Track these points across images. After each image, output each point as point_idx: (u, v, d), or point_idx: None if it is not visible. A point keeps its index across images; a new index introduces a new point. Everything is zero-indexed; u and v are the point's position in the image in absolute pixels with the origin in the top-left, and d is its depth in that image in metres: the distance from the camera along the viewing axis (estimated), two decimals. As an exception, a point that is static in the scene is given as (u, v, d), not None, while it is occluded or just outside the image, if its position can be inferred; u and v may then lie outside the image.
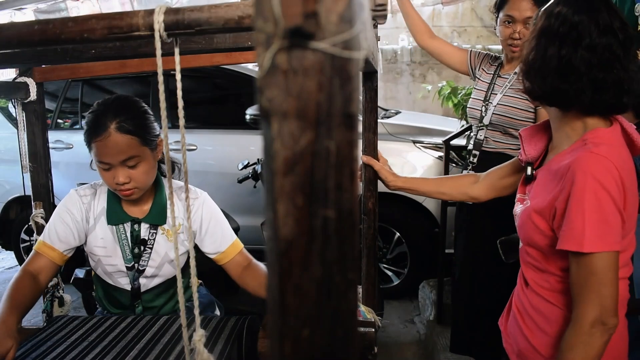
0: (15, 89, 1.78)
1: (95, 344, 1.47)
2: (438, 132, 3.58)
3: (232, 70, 3.78)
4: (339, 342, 0.36)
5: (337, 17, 0.31)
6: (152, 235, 1.63)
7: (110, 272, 1.64)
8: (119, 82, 4.20)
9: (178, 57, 0.76)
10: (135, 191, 1.53)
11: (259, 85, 0.32)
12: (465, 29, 6.91)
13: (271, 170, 0.32)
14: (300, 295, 0.34)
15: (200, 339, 0.86)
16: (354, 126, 0.33)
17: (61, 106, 4.24)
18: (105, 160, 1.47)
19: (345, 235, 0.34)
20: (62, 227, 1.58)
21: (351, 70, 0.32)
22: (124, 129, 1.45)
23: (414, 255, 3.53)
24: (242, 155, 3.55)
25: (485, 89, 2.26)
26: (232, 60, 1.60)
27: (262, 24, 0.31)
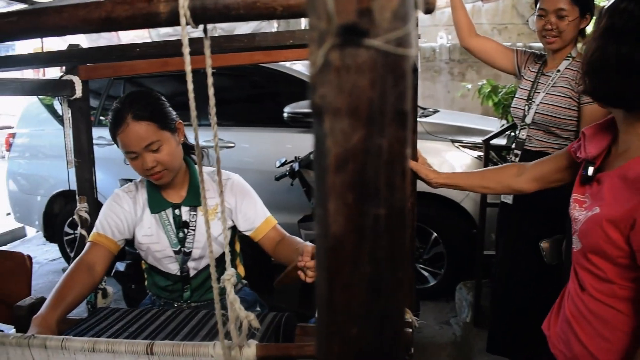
0: (62, 86, 1.83)
1: (135, 335, 1.50)
2: (477, 132, 3.53)
3: (270, 68, 3.80)
4: (387, 341, 0.35)
5: (391, 14, 0.31)
6: (192, 217, 1.71)
7: (160, 259, 1.72)
8: (160, 79, 4.28)
9: (208, 43, 0.74)
10: (165, 173, 1.61)
11: (312, 82, 0.32)
12: (506, 26, 6.78)
13: (322, 167, 0.32)
14: (349, 293, 0.34)
15: (229, 278, 0.86)
16: (406, 124, 0.32)
17: (104, 104, 4.34)
18: (130, 149, 1.57)
19: (395, 234, 0.33)
20: (114, 218, 1.67)
21: (404, 67, 0.32)
22: (140, 116, 1.54)
23: (451, 255, 3.49)
24: (279, 153, 3.57)
25: (529, 87, 2.22)
26: (272, 59, 1.60)
27: (316, 21, 0.31)
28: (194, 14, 0.59)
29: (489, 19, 6.77)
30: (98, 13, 0.64)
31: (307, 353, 1.04)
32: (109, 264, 1.66)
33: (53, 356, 1.10)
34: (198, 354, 1.04)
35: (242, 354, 0.96)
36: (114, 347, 1.04)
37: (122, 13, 0.63)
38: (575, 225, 1.24)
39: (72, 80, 1.85)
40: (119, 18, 0.64)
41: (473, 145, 3.42)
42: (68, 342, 1.08)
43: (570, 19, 2.03)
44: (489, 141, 2.91)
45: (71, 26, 0.65)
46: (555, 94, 2.09)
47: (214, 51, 0.76)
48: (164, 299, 1.81)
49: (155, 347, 1.06)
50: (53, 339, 1.11)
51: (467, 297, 3.20)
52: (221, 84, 0.98)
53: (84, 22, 0.64)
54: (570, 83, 2.06)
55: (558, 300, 1.38)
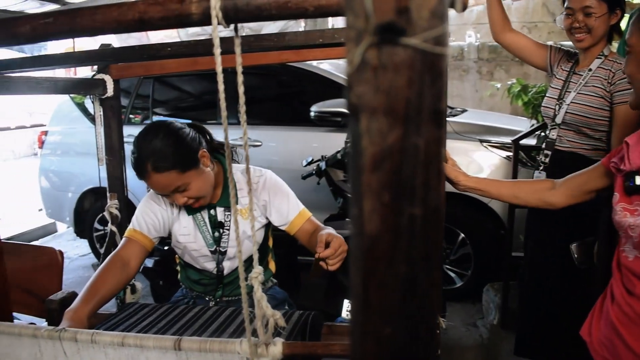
0: (94, 85, 1.87)
1: (164, 330, 1.52)
2: (506, 131, 3.48)
3: (297, 67, 3.81)
4: (421, 341, 0.35)
5: (429, 13, 0.31)
6: (227, 217, 1.73)
7: (196, 257, 1.75)
8: (188, 79, 4.33)
9: (239, 41, 0.74)
10: (201, 201, 1.63)
11: (348, 81, 0.32)
12: (536, 24, 6.68)
13: (358, 166, 0.32)
14: (384, 293, 0.33)
15: (257, 276, 0.86)
16: (443, 123, 0.32)
17: (133, 102, 4.40)
18: (157, 193, 1.60)
19: (430, 234, 0.33)
20: (151, 215, 1.69)
21: (441, 66, 0.31)
22: (161, 168, 1.51)
23: (478, 257, 3.45)
24: (306, 151, 3.57)
25: (560, 86, 2.18)
26: (300, 58, 1.61)
27: (353, 20, 0.31)
28: (226, 14, 0.60)
29: (518, 17, 6.67)
30: (132, 14, 0.65)
31: (334, 352, 1.05)
32: (143, 261, 1.69)
33: (83, 350, 1.12)
34: (225, 351, 1.04)
35: (268, 352, 0.97)
36: (142, 342, 1.05)
37: (155, 14, 0.64)
38: (631, 232, 1.21)
39: (103, 79, 1.88)
40: (152, 19, 0.64)
41: (502, 145, 3.38)
42: (98, 336, 1.10)
43: (598, 15, 1.99)
44: (519, 141, 2.87)
45: (105, 27, 0.66)
46: (587, 93, 2.05)
47: (243, 50, 0.76)
48: (196, 292, 1.84)
49: (183, 343, 1.07)
50: (83, 332, 1.13)
51: (494, 298, 3.16)
52: (249, 82, 0.98)
53: (118, 23, 0.65)
54: (603, 82, 2.02)
55: (598, 305, 1.35)
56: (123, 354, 1.06)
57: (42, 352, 1.14)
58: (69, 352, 1.13)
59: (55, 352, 1.14)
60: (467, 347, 3.05)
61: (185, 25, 0.66)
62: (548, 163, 2.19)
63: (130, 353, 1.06)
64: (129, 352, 1.07)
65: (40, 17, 0.72)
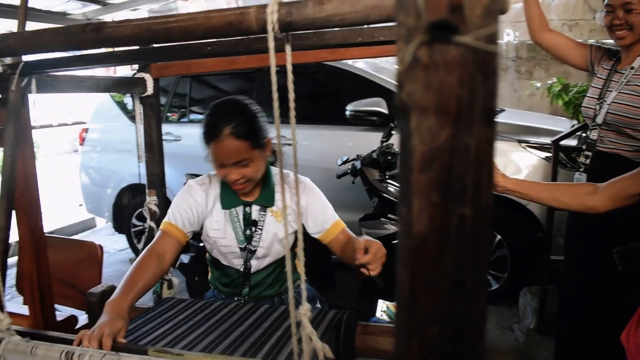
0: (134, 84, 1.91)
1: (198, 325, 1.55)
2: (545, 132, 3.41)
3: (333, 66, 3.81)
4: (467, 343, 0.35)
5: (482, 10, 0.30)
6: (262, 216, 1.74)
7: (225, 253, 1.76)
8: (224, 78, 4.37)
9: (289, 52, 0.76)
10: (247, 185, 1.63)
11: (399, 79, 0.31)
12: (577, 22, 6.51)
13: (407, 165, 0.32)
14: (431, 293, 0.33)
15: (305, 313, 0.87)
16: (494, 122, 0.32)
17: (171, 100, 4.47)
18: (219, 160, 1.59)
19: (480, 235, 0.33)
20: (186, 209, 1.70)
21: (494, 64, 0.31)
22: (237, 134, 1.54)
23: (515, 259, 3.39)
24: (340, 150, 3.57)
25: (601, 86, 2.12)
26: (338, 57, 1.61)
27: (404, 18, 0.31)
28: (281, 25, 0.62)
29: (558, 14, 6.51)
30: (194, 24, 0.67)
31: None
32: (178, 254, 1.71)
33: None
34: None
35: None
36: (191, 357, 1.06)
37: (216, 24, 0.66)
38: None
39: (144, 78, 1.92)
40: (213, 28, 0.67)
41: (540, 146, 3.31)
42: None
43: (639, 11, 1.93)
44: (559, 142, 2.80)
45: (172, 37, 0.69)
46: (629, 92, 1.99)
47: (280, 49, 0.77)
48: (225, 294, 1.85)
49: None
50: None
51: (531, 303, 3.10)
52: (284, 81, 0.98)
53: (181, 34, 0.67)
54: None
55: (639, 311, 1.31)
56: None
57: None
58: None
59: None
60: (502, 350, 3.00)
61: (245, 34, 0.69)
62: (588, 164, 2.13)
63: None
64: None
65: (114, 24, 0.76)
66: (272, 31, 0.62)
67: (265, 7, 0.70)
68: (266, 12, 0.62)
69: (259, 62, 1.65)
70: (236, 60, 1.73)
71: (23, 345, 1.19)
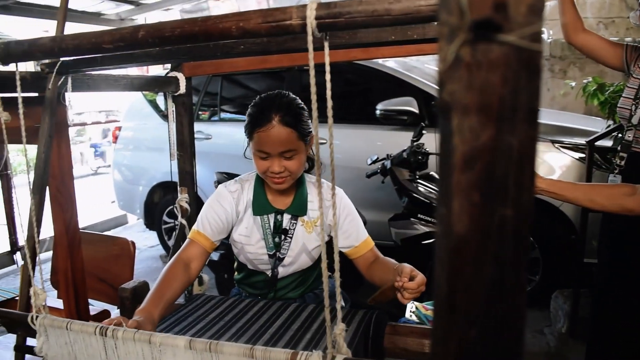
0: (167, 83, 1.93)
1: (230, 324, 1.56)
2: (580, 132, 3.34)
3: (363, 65, 3.80)
4: (507, 345, 0.34)
5: (526, 8, 0.30)
6: (292, 225, 1.72)
7: (252, 259, 1.74)
8: (254, 77, 4.40)
9: (327, 52, 0.77)
10: (287, 179, 1.61)
11: (440, 78, 0.31)
12: (613, 20, 6.36)
13: (448, 165, 0.31)
14: (471, 294, 0.33)
15: (340, 333, 0.88)
16: (537, 122, 0.31)
17: (202, 99, 4.52)
18: (265, 149, 1.56)
19: (521, 236, 0.32)
20: (215, 218, 1.69)
21: (538, 63, 0.30)
22: (287, 122, 1.53)
23: (546, 262, 3.33)
24: (370, 150, 3.56)
25: (636, 86, 2.07)
26: (369, 56, 1.60)
27: (446, 17, 0.30)
28: (319, 25, 0.63)
29: (594, 12, 6.37)
30: (236, 24, 0.68)
31: None
32: (204, 262, 1.70)
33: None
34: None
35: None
36: (218, 347, 1.06)
37: (256, 26, 0.68)
38: None
39: (176, 77, 1.94)
40: (255, 29, 0.68)
41: (574, 147, 3.25)
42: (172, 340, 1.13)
43: None
44: (594, 142, 2.74)
45: (212, 37, 0.70)
46: None
47: (316, 48, 0.77)
48: (250, 294, 1.85)
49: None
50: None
51: (563, 306, 3.04)
52: (316, 81, 0.98)
53: (220, 34, 0.68)
54: None
55: None
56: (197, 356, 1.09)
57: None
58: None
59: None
60: (533, 354, 2.96)
61: (286, 33, 0.70)
62: (623, 166, 2.08)
63: (203, 357, 1.08)
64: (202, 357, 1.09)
65: (164, 25, 0.78)
66: (311, 31, 0.62)
67: (305, 6, 0.71)
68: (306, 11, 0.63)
69: (290, 61, 1.66)
70: (267, 60, 1.74)
71: (59, 321, 1.22)
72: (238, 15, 0.77)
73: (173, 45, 0.84)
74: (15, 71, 1.19)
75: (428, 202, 2.81)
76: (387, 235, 2.98)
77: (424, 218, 2.80)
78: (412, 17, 0.60)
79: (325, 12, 0.73)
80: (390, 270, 1.53)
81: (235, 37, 0.72)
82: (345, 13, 0.72)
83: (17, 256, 5.12)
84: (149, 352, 1.12)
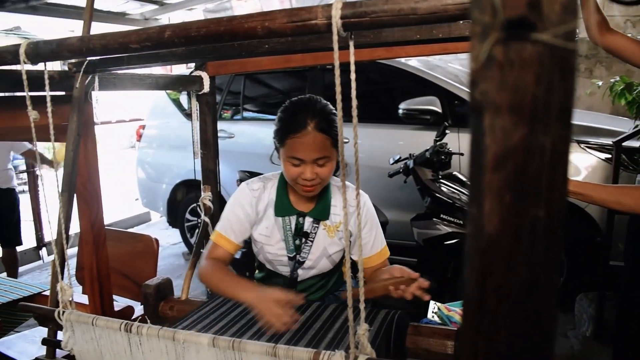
0: (191, 82, 1.95)
1: (252, 323, 1.56)
2: (606, 132, 3.29)
3: (385, 64, 3.78)
4: (537, 347, 0.34)
5: (560, 7, 0.29)
6: (314, 229, 1.70)
7: (271, 260, 1.74)
8: (277, 76, 4.41)
9: (352, 51, 0.77)
10: (317, 187, 1.59)
11: (473, 78, 0.31)
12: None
13: (479, 165, 0.31)
14: (501, 295, 0.33)
15: (364, 333, 0.88)
16: (571, 122, 0.31)
17: (225, 98, 4.55)
18: (299, 156, 1.53)
19: (553, 237, 0.32)
20: (237, 220, 1.68)
21: (572, 62, 0.30)
22: (322, 128, 1.50)
23: (571, 264, 3.28)
24: (392, 149, 3.55)
25: (667, 85, 2.02)
26: (393, 55, 1.59)
27: (479, 16, 0.30)
28: (344, 24, 0.65)
29: (621, 10, 6.25)
30: (261, 24, 0.68)
31: None
32: (229, 263, 1.71)
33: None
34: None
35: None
36: (242, 345, 1.07)
37: (282, 25, 0.68)
38: None
39: (201, 76, 1.96)
40: (281, 28, 0.68)
41: (600, 147, 3.19)
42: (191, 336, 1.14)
43: None
44: (621, 143, 2.70)
45: (238, 36, 0.71)
46: None
47: (341, 47, 0.77)
48: None
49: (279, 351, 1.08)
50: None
51: (588, 309, 2.99)
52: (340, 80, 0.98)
53: (246, 34, 0.69)
54: None
55: None
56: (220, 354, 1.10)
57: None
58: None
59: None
60: (556, 357, 2.91)
61: (312, 33, 0.71)
62: None
63: (226, 354, 1.09)
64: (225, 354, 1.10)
65: (190, 25, 0.79)
66: (336, 30, 0.63)
67: (330, 6, 0.71)
68: (332, 11, 0.63)
69: (314, 60, 1.66)
70: (291, 59, 1.74)
71: (85, 316, 1.24)
72: (263, 15, 0.78)
73: (199, 44, 0.85)
74: (44, 70, 1.21)
75: (451, 202, 2.79)
76: (409, 235, 2.97)
77: (447, 218, 2.78)
78: (438, 16, 0.60)
79: (351, 12, 0.73)
80: (383, 271, 1.52)
81: (261, 36, 0.72)
82: (370, 12, 0.72)
83: (43, 252, 5.23)
84: (172, 348, 1.14)
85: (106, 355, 1.23)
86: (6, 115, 1.45)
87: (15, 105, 1.47)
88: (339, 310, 1.63)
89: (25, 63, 1.10)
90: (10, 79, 1.31)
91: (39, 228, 5.16)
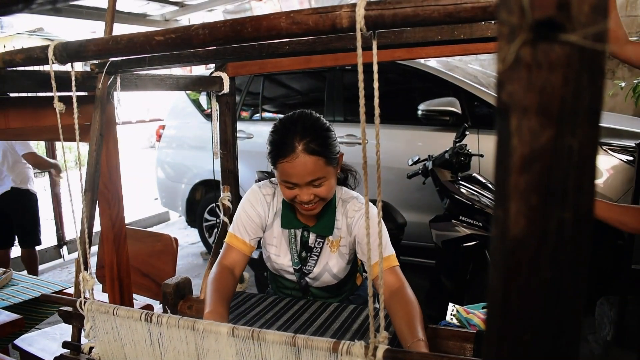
0: (212, 82, 1.96)
1: (271, 322, 1.57)
2: (629, 134, 3.24)
3: (405, 64, 3.77)
4: (561, 351, 0.34)
5: (590, 7, 0.29)
6: (318, 244, 1.68)
7: (278, 269, 1.75)
8: (296, 77, 4.42)
9: (375, 51, 0.77)
10: (318, 205, 1.55)
11: (500, 79, 0.31)
12: (667, 19, 6.13)
13: (506, 167, 0.31)
14: (526, 298, 0.32)
15: (384, 340, 0.88)
16: (599, 124, 0.31)
17: (244, 99, 4.57)
18: (291, 180, 1.48)
19: (580, 240, 0.32)
20: (249, 221, 1.67)
21: (601, 64, 0.30)
22: (312, 150, 1.44)
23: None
24: (410, 150, 3.53)
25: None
26: (413, 56, 1.59)
27: (507, 16, 0.30)
28: (367, 23, 0.64)
29: (646, 11, 6.16)
30: (285, 23, 0.69)
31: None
32: (245, 266, 1.68)
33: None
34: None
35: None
36: (262, 335, 1.08)
37: (305, 25, 0.69)
38: None
39: (221, 77, 1.97)
40: (305, 26, 0.68)
41: (623, 149, 3.15)
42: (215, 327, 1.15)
43: None
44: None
45: (260, 37, 0.71)
46: None
47: (363, 47, 0.77)
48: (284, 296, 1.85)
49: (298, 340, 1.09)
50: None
51: (609, 313, 2.95)
52: (356, 80, 0.95)
53: (268, 33, 0.69)
54: None
55: None
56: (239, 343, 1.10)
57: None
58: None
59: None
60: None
61: (336, 32, 0.71)
62: None
63: (245, 344, 1.09)
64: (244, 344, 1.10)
65: (216, 24, 0.80)
66: (360, 29, 0.63)
67: (354, 5, 0.71)
68: (355, 10, 0.63)
69: (334, 61, 1.66)
70: (311, 59, 1.74)
71: (106, 306, 1.26)
72: (288, 15, 0.78)
73: (222, 40, 0.85)
74: (71, 71, 1.23)
75: (470, 204, 2.77)
76: (428, 236, 2.95)
77: (466, 220, 2.76)
78: (461, 16, 0.60)
79: (376, 12, 0.72)
80: (408, 324, 1.34)
81: (283, 37, 0.73)
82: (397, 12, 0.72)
83: (64, 250, 5.31)
84: (192, 338, 1.15)
85: (126, 345, 1.24)
86: (27, 115, 1.47)
87: (37, 105, 1.49)
88: (358, 311, 1.63)
89: (54, 63, 1.11)
90: (36, 78, 1.33)
91: (59, 226, 5.24)
